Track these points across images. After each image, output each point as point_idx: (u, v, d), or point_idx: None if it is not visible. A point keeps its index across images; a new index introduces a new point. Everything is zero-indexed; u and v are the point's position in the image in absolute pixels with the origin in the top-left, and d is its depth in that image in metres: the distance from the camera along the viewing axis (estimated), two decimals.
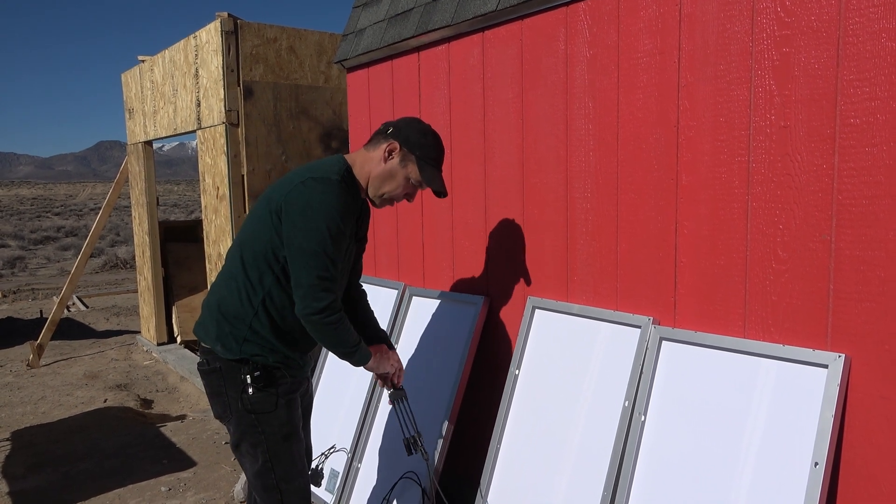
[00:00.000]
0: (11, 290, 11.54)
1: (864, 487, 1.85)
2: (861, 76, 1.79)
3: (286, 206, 2.07)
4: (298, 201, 2.06)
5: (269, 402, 2.17)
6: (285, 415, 2.21)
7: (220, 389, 2.18)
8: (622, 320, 2.42)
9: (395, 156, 2.22)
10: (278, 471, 2.20)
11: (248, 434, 2.17)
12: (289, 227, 2.05)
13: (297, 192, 2.07)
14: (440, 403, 2.95)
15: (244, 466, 2.27)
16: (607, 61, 2.43)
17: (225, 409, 2.19)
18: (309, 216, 2.04)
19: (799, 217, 1.94)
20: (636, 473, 2.22)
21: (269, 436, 2.17)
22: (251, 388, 2.12)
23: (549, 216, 2.71)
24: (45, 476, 3.87)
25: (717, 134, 2.11)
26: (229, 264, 2.21)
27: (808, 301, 1.94)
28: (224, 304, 2.17)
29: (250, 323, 2.14)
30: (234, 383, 2.14)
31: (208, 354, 2.19)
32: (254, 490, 2.27)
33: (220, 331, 2.15)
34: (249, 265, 2.14)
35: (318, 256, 2.03)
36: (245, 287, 2.14)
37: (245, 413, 2.15)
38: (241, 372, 2.13)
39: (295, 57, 5.16)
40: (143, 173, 6.75)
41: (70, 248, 18.97)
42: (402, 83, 3.42)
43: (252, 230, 2.16)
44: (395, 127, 2.26)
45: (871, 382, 1.82)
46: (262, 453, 2.18)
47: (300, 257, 2.04)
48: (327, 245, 2.04)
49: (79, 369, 6.24)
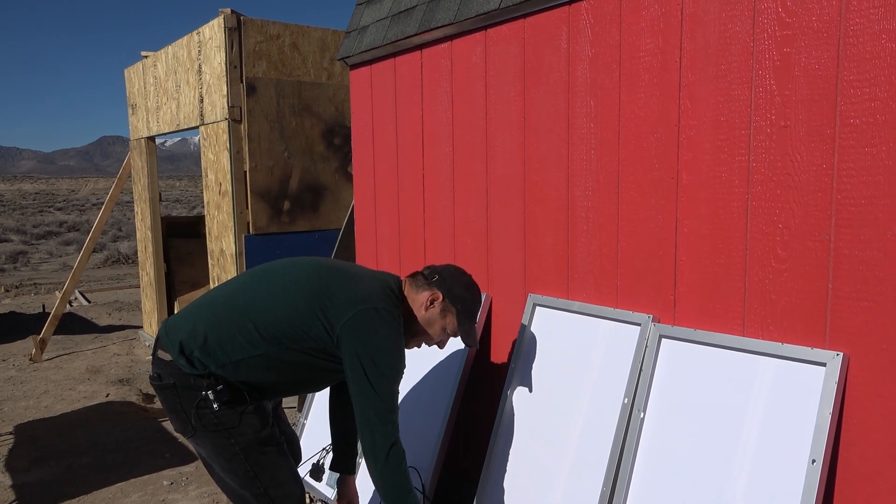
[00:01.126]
0: (14, 285, 11.57)
1: (861, 485, 1.86)
2: (861, 77, 1.80)
3: (353, 330, 2.02)
4: (364, 329, 2.03)
5: (235, 416, 2.08)
6: (258, 421, 2.12)
7: (175, 406, 2.08)
8: (622, 318, 2.43)
9: (437, 305, 2.22)
10: (263, 478, 2.12)
11: (221, 450, 2.09)
12: (351, 353, 2.02)
13: (367, 319, 2.04)
14: (440, 400, 2.96)
15: (223, 483, 2.19)
16: (609, 60, 2.44)
17: (185, 425, 2.09)
18: (385, 353, 2.04)
19: (798, 216, 1.95)
20: (635, 470, 2.23)
21: (245, 446, 2.09)
22: (214, 403, 2.03)
23: (550, 214, 2.72)
24: (48, 469, 3.89)
25: (718, 133, 2.12)
26: (248, 308, 2.09)
27: (806, 300, 1.95)
28: (219, 333, 2.06)
29: (223, 366, 2.05)
30: (191, 399, 2.04)
31: (163, 367, 2.09)
32: (240, 499, 2.17)
33: (193, 351, 2.05)
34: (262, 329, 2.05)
35: (385, 390, 2.04)
36: (239, 340, 2.05)
37: (210, 431, 2.07)
38: (202, 387, 2.03)
39: (298, 54, 5.17)
40: (145, 169, 6.76)
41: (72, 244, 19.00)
42: (405, 80, 3.43)
43: (286, 311, 2.07)
44: (440, 276, 2.25)
45: (868, 381, 1.84)
46: (240, 464, 2.09)
47: (370, 387, 2.01)
48: (391, 380, 2.07)
49: (81, 364, 6.27)
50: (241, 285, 2.20)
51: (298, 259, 2.27)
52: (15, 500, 3.52)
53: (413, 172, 3.44)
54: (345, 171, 5.44)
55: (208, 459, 2.18)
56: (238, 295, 2.15)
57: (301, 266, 2.21)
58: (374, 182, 3.75)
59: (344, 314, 2.04)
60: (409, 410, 3.09)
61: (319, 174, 5.35)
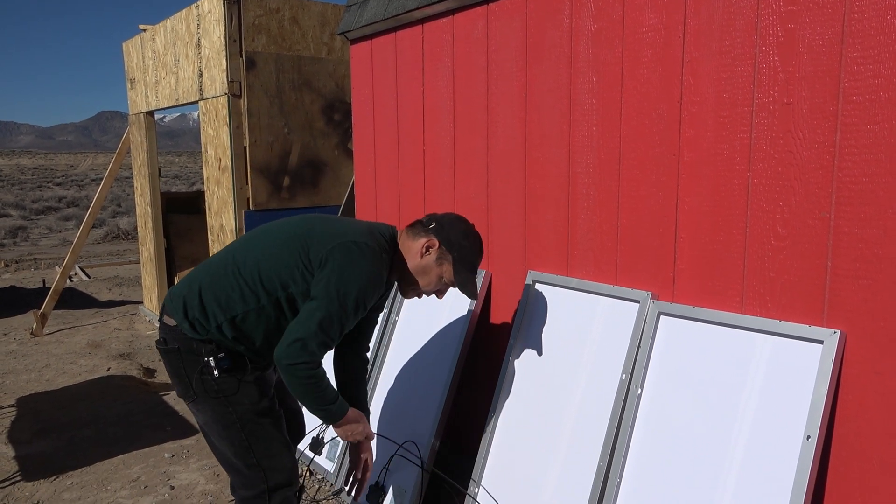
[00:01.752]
0: (14, 260, 11.59)
1: (855, 461, 1.88)
2: (865, 53, 1.78)
3: (329, 259, 2.02)
4: (342, 260, 2.01)
5: (234, 384, 2.10)
6: (256, 392, 2.15)
7: (179, 371, 2.11)
8: (621, 295, 2.44)
9: (433, 253, 2.18)
10: (258, 449, 2.13)
11: (220, 416, 2.11)
12: (322, 278, 2.01)
13: (344, 250, 2.03)
14: (440, 376, 2.98)
15: (217, 450, 2.21)
16: (612, 35, 2.42)
17: (186, 389, 2.12)
18: (342, 278, 2.00)
19: (799, 194, 1.95)
20: (631, 445, 2.26)
21: (242, 415, 2.11)
22: (215, 370, 2.06)
23: (550, 190, 2.72)
24: (50, 442, 3.93)
25: (721, 110, 2.11)
26: (238, 262, 2.11)
27: (805, 277, 1.96)
28: (219, 294, 2.08)
29: (220, 325, 2.07)
30: (194, 364, 2.08)
31: (168, 332, 2.12)
32: (233, 472, 2.20)
33: (194, 313, 2.07)
34: (258, 278, 2.07)
35: (331, 317, 1.98)
36: (246, 292, 2.07)
37: (211, 397, 2.09)
38: (204, 353, 2.07)
39: (298, 28, 5.12)
40: (144, 144, 6.73)
41: (72, 219, 18.99)
42: (406, 55, 3.40)
43: (278, 254, 2.09)
44: (437, 223, 2.22)
45: (865, 358, 1.85)
46: (236, 433, 2.11)
47: (316, 312, 1.98)
48: (346, 315, 2.01)
49: (82, 338, 6.30)
50: (236, 247, 2.22)
51: (293, 216, 2.28)
52: (18, 472, 3.56)
53: (413, 148, 3.42)
54: (345, 147, 5.42)
55: (206, 427, 2.20)
56: (233, 254, 2.17)
57: (293, 220, 2.23)
58: (375, 158, 3.74)
59: (323, 248, 2.04)
60: (409, 384, 3.12)
61: (319, 150, 5.33)
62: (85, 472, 3.55)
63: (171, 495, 3.30)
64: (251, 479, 2.16)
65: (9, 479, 3.48)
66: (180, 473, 3.52)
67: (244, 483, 2.18)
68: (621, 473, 2.25)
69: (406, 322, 3.30)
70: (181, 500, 3.25)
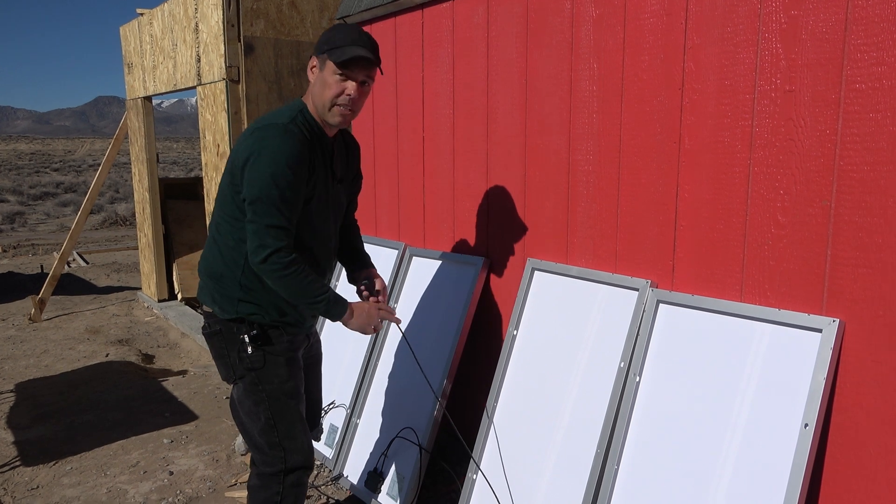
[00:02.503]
0: (12, 245, 11.57)
1: (852, 449, 1.89)
2: (869, 41, 1.77)
3: (237, 161, 2.05)
4: (245, 153, 2.03)
5: (268, 360, 2.19)
6: (285, 373, 2.22)
7: (222, 351, 2.21)
8: (620, 283, 2.44)
9: (315, 69, 2.14)
10: (281, 428, 2.21)
11: (251, 393, 2.20)
12: (245, 181, 2.02)
13: (244, 145, 2.05)
14: (439, 362, 2.99)
15: (244, 426, 2.28)
16: (614, 22, 2.40)
17: (229, 370, 2.22)
18: (255, 166, 2.00)
19: (800, 182, 1.94)
20: (629, 432, 2.26)
21: (271, 393, 2.19)
22: (249, 346, 2.15)
23: (550, 178, 2.71)
24: (49, 427, 3.94)
25: (722, 97, 2.10)
26: (211, 227, 2.24)
27: (805, 266, 1.95)
28: (210, 266, 2.21)
29: (239, 281, 2.14)
30: (234, 343, 2.18)
31: (210, 318, 2.23)
32: (255, 449, 2.27)
33: (214, 293, 2.19)
34: (224, 224, 2.15)
35: (264, 204, 1.98)
36: (224, 247, 2.16)
37: (246, 372, 2.18)
38: (239, 331, 2.16)
39: (296, 12, 5.08)
40: (142, 129, 6.70)
41: (69, 204, 18.94)
42: (406, 41, 3.38)
43: (221, 190, 2.15)
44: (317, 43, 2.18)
45: (864, 347, 1.85)
46: (263, 411, 2.19)
47: (249, 207, 2.01)
48: (272, 193, 1.99)
49: (80, 324, 6.30)
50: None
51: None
52: (17, 457, 3.57)
53: (413, 135, 3.41)
54: None
55: (237, 403, 2.27)
56: (212, 213, 2.26)
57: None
58: (374, 145, 3.72)
59: (234, 156, 2.08)
60: (408, 371, 3.12)
61: None
62: (84, 458, 3.56)
63: (170, 480, 3.31)
64: (272, 457, 2.23)
65: (8, 464, 3.49)
66: (179, 459, 3.53)
67: (264, 460, 2.24)
68: (619, 460, 2.25)
69: (405, 311, 3.30)
70: (180, 485, 3.27)
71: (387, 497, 2.90)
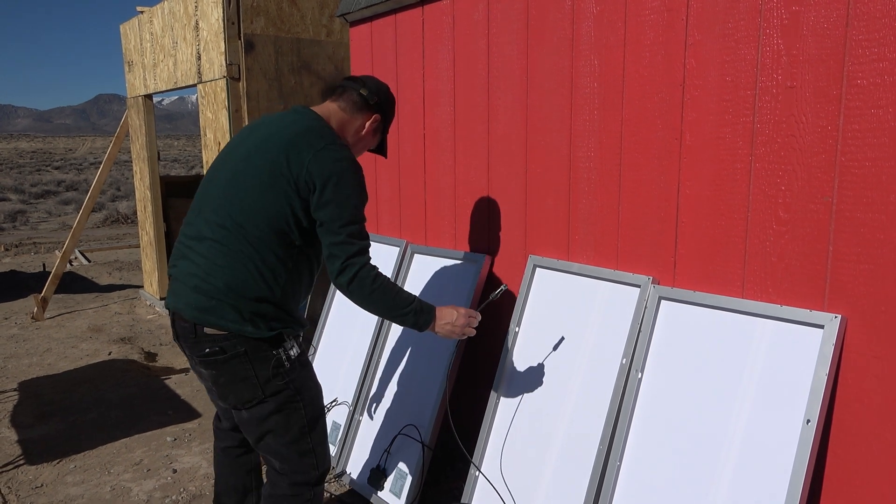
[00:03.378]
0: (14, 244, 11.58)
1: (854, 445, 1.89)
2: (870, 36, 1.77)
3: (318, 175, 1.97)
4: (334, 171, 1.99)
5: (304, 371, 2.13)
6: (315, 377, 2.21)
7: (246, 374, 2.03)
8: (622, 279, 2.44)
9: (373, 126, 2.25)
10: (314, 437, 2.15)
11: (285, 406, 2.08)
12: (324, 202, 1.98)
13: (326, 162, 1.99)
14: (440, 361, 2.99)
15: (266, 440, 2.12)
16: (614, 18, 2.39)
17: (255, 391, 2.04)
18: (345, 186, 1.99)
19: (802, 178, 1.94)
20: (632, 429, 2.27)
21: (308, 402, 2.13)
22: (287, 362, 2.06)
23: (551, 175, 2.71)
24: (52, 425, 3.95)
25: (723, 93, 2.10)
26: (227, 239, 2.01)
27: (806, 262, 1.95)
28: (239, 286, 1.99)
29: (278, 302, 2.03)
30: (264, 362, 2.03)
31: (225, 341, 2.00)
32: (280, 459, 2.14)
33: (243, 313, 1.99)
34: (261, 240, 2.00)
35: (356, 225, 2.01)
36: (263, 264, 2.00)
37: (283, 387, 2.06)
38: (275, 348, 2.04)
39: (296, 10, 5.08)
40: (143, 127, 6.70)
41: (71, 203, 18.95)
42: (406, 38, 3.38)
43: (257, 200, 2.00)
44: (377, 97, 2.23)
45: (866, 343, 1.85)
46: (298, 420, 2.10)
47: (336, 229, 1.98)
48: (359, 215, 2.03)
49: (83, 322, 6.31)
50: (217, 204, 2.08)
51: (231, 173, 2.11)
52: (21, 456, 3.58)
53: (414, 132, 3.41)
54: None
55: (256, 422, 2.10)
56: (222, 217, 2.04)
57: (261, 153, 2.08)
58: None
59: (301, 164, 2.00)
60: (410, 369, 3.13)
61: None
62: (88, 456, 3.57)
63: (173, 478, 3.32)
64: (304, 465, 2.15)
65: (12, 463, 3.50)
66: (183, 457, 3.54)
67: (294, 469, 2.15)
68: (621, 457, 2.26)
69: None
70: (184, 483, 3.28)
71: (389, 494, 2.91)
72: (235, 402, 2.09)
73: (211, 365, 2.05)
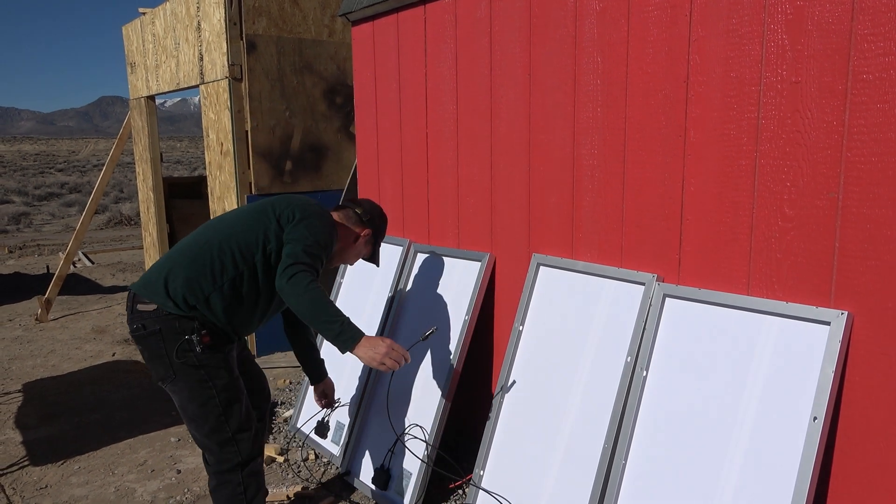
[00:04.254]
0: (17, 246, 11.60)
1: (861, 442, 1.88)
2: (876, 30, 1.75)
3: (298, 213, 2.32)
4: (309, 213, 2.34)
5: (216, 358, 2.25)
6: (230, 367, 2.31)
7: (159, 351, 2.21)
8: (626, 277, 2.43)
9: (365, 239, 2.63)
10: (232, 423, 2.28)
11: (197, 392, 2.23)
12: (295, 227, 2.29)
13: (308, 208, 2.37)
14: (445, 360, 2.98)
15: (190, 430, 2.32)
16: (617, 15, 2.38)
17: (167, 369, 2.22)
18: (314, 225, 2.32)
19: (807, 174, 1.93)
20: (637, 427, 2.26)
21: (220, 390, 2.25)
22: (198, 345, 2.19)
23: (555, 173, 2.70)
24: (57, 426, 3.95)
25: (727, 89, 2.09)
26: (211, 240, 2.29)
27: (812, 259, 1.94)
28: (195, 268, 2.23)
29: (208, 297, 2.22)
30: (176, 341, 2.19)
31: (146, 318, 2.21)
32: (206, 450, 2.32)
33: (174, 291, 2.20)
34: (229, 251, 2.26)
35: (311, 247, 2.25)
36: (216, 267, 2.24)
37: (193, 369, 2.21)
38: (186, 330, 2.19)
39: (298, 10, 5.07)
40: (146, 129, 6.71)
41: (74, 205, 18.99)
42: (408, 37, 3.37)
43: (248, 226, 2.32)
44: (370, 215, 2.63)
45: (873, 339, 1.84)
46: (213, 408, 2.24)
47: (296, 244, 2.24)
48: (319, 247, 2.28)
49: (86, 324, 6.31)
50: (202, 232, 2.38)
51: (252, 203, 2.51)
52: (26, 457, 3.58)
53: (416, 131, 3.40)
54: (347, 130, 5.39)
55: (180, 408, 2.30)
56: (203, 237, 2.33)
57: (253, 204, 2.48)
58: (377, 142, 3.72)
59: (290, 208, 2.36)
60: (414, 368, 3.12)
61: (321, 134, 5.30)
62: (92, 457, 3.57)
63: (177, 479, 3.32)
64: (226, 454, 2.30)
65: (17, 464, 3.50)
66: (187, 457, 3.54)
67: (219, 459, 2.30)
68: (627, 455, 2.25)
69: (410, 307, 3.29)
70: (188, 483, 3.27)
71: (394, 494, 2.90)
72: (155, 377, 2.28)
73: (137, 341, 2.27)
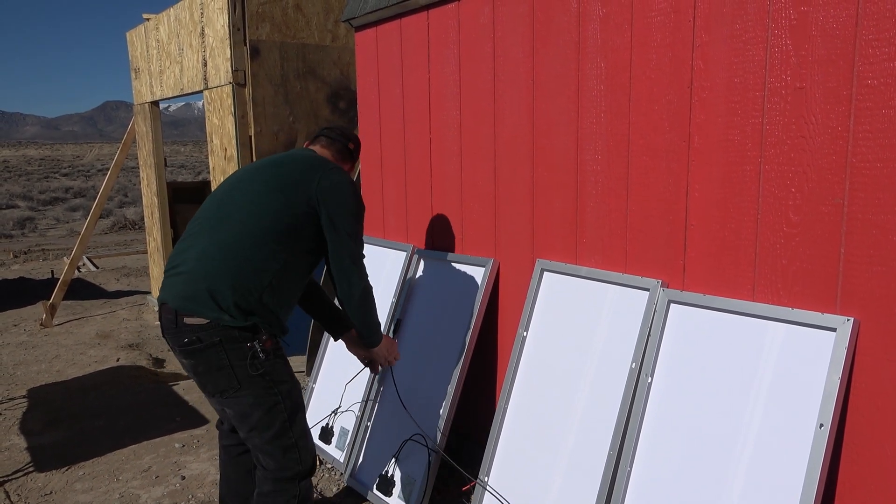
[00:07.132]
0: (22, 251, 11.64)
1: (868, 449, 1.87)
2: (881, 35, 1.75)
3: (327, 192, 2.27)
4: (345, 191, 2.31)
5: (278, 363, 2.23)
6: (290, 369, 2.29)
7: (221, 363, 2.14)
8: (631, 283, 2.43)
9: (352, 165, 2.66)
10: (296, 430, 2.25)
11: (263, 399, 2.18)
12: (326, 213, 2.27)
13: (340, 184, 2.32)
14: (449, 365, 2.98)
15: (251, 438, 2.23)
16: (621, 20, 2.38)
17: (230, 380, 2.15)
18: (353, 205, 2.33)
19: (812, 180, 1.92)
20: (642, 433, 2.25)
21: (286, 396, 2.22)
22: (261, 352, 2.16)
23: (558, 178, 2.69)
24: (61, 432, 3.96)
25: (732, 95, 2.08)
26: (231, 246, 2.18)
27: (818, 265, 1.93)
28: (234, 281, 2.14)
29: (260, 296, 2.17)
30: (239, 352, 2.14)
31: (202, 331, 2.12)
32: (267, 455, 2.23)
33: (225, 302, 2.11)
34: (261, 241, 2.19)
35: (361, 229, 2.36)
36: (258, 265, 2.18)
37: (259, 377, 2.16)
38: (247, 337, 2.14)
39: (301, 15, 5.08)
40: (150, 134, 6.72)
41: (79, 209, 19.04)
42: (411, 42, 3.37)
43: (272, 215, 2.22)
44: (355, 145, 2.62)
45: (879, 346, 1.83)
46: (279, 414, 2.20)
47: (343, 239, 2.29)
48: (361, 226, 2.38)
49: (91, 329, 6.32)
50: (221, 219, 2.27)
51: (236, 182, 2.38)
52: (30, 463, 3.58)
53: (420, 137, 3.40)
54: None
55: (239, 416, 2.22)
56: (229, 229, 2.22)
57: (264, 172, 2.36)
58: (381, 147, 3.72)
59: (313, 180, 2.29)
60: (418, 373, 3.12)
61: None
62: (96, 463, 3.57)
63: (182, 485, 3.32)
64: (288, 461, 2.24)
65: (21, 470, 3.50)
66: (191, 463, 3.54)
67: (281, 465, 2.24)
68: (632, 462, 2.24)
69: (414, 312, 3.29)
70: (192, 489, 3.27)
71: (398, 500, 2.89)
72: (213, 390, 2.21)
73: (190, 354, 2.16)
